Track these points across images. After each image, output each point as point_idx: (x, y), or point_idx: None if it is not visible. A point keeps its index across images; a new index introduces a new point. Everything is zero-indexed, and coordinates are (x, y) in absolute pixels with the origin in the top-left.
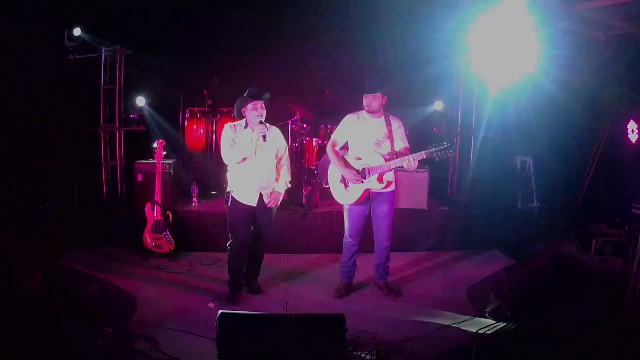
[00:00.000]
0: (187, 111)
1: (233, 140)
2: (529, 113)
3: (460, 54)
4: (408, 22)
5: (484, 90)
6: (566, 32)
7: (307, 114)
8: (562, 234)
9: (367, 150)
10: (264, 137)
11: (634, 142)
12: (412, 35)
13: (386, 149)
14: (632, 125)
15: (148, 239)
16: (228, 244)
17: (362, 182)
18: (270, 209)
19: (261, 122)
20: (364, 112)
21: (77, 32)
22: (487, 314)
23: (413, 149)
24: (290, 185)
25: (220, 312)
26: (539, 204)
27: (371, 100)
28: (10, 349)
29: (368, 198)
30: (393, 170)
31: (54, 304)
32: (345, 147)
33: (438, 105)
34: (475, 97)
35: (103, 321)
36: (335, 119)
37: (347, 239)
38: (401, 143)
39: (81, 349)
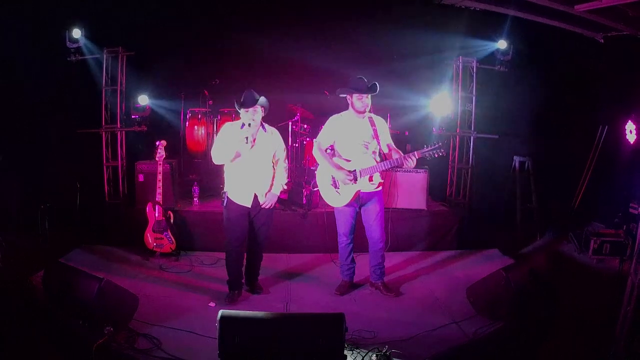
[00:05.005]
0: (188, 112)
1: (224, 139)
2: (528, 113)
3: (459, 55)
4: (408, 22)
5: (483, 90)
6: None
7: (307, 115)
8: (561, 234)
9: (356, 152)
10: (246, 138)
11: (631, 142)
12: (412, 35)
13: (374, 149)
14: (629, 126)
15: (149, 238)
16: (225, 243)
17: (355, 183)
18: (267, 210)
19: (249, 125)
20: (349, 112)
21: (77, 33)
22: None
23: (412, 149)
24: (285, 187)
25: (220, 311)
26: (537, 204)
27: (367, 102)
28: (11, 348)
29: (358, 198)
30: (381, 171)
31: (55, 304)
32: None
33: (437, 105)
34: (474, 98)
35: (104, 320)
36: None
37: (341, 237)
38: (387, 141)
39: (82, 348)
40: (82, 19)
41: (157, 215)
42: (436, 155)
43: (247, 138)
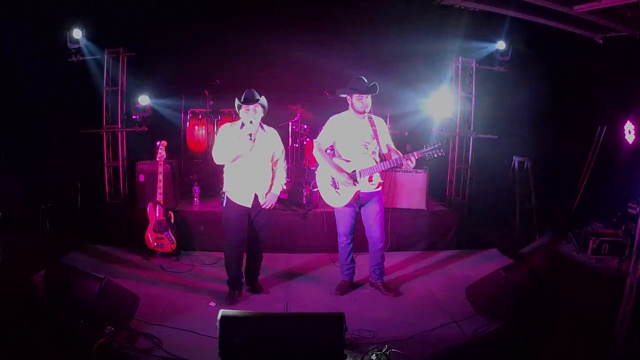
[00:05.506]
0: (189, 112)
1: (224, 139)
2: (527, 114)
3: (459, 56)
4: (408, 22)
5: (482, 91)
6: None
7: (307, 115)
8: (560, 234)
9: (355, 152)
10: (250, 135)
11: (630, 142)
12: (412, 35)
13: (373, 149)
14: (628, 126)
15: (150, 238)
16: (224, 244)
17: (355, 185)
18: (267, 210)
19: (251, 122)
20: (349, 113)
21: (78, 34)
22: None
23: (412, 149)
24: (285, 187)
25: (221, 311)
26: (536, 204)
27: (367, 102)
28: (11, 348)
29: (357, 199)
30: (381, 171)
31: (55, 303)
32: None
33: (436, 105)
34: (473, 98)
35: (105, 320)
36: None
37: (341, 237)
38: (387, 142)
39: (83, 347)
40: (83, 19)
41: (157, 215)
42: (436, 156)
43: (250, 135)
